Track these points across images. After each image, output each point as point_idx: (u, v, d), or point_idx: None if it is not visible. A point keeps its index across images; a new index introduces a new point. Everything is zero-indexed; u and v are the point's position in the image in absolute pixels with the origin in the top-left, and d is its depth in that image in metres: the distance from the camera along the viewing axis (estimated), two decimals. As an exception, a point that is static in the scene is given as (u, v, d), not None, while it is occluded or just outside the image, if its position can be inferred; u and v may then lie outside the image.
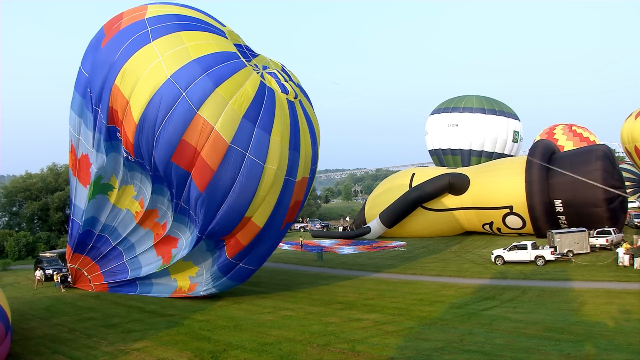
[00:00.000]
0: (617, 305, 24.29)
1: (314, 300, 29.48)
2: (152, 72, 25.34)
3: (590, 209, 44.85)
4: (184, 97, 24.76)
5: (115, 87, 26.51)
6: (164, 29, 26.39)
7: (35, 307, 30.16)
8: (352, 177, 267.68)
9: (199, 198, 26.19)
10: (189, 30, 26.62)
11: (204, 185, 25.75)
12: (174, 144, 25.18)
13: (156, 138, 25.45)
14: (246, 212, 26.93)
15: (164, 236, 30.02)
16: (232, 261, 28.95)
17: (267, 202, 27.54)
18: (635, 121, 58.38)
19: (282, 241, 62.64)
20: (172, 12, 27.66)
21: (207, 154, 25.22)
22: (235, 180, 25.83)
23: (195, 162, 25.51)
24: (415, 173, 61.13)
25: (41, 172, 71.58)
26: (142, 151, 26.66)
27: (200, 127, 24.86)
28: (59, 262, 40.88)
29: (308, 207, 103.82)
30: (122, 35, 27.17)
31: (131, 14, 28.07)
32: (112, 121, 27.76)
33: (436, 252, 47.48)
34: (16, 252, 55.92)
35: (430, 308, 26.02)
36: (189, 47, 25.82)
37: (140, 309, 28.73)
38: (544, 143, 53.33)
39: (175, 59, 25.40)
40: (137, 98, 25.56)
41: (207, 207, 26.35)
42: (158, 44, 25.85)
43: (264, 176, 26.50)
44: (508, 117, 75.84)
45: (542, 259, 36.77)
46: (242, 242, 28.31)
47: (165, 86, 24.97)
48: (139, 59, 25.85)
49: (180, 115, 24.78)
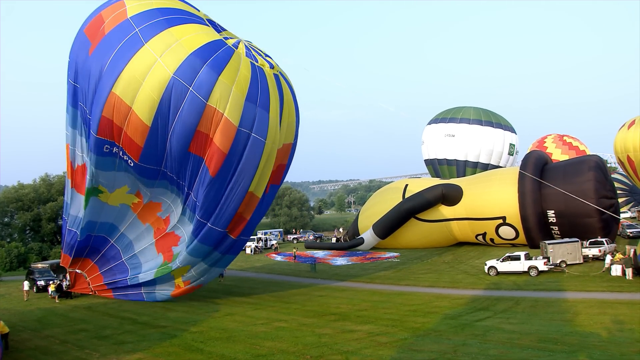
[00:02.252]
0: (611, 315, 24.33)
1: (307, 312, 29.37)
2: (154, 75, 25.98)
3: (583, 219, 45.09)
4: (192, 91, 26.06)
5: (112, 96, 26.40)
6: (153, 28, 26.71)
7: (27, 319, 29.91)
8: (346, 188, 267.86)
9: (210, 183, 27.70)
10: (177, 25, 27.27)
11: (216, 169, 27.42)
12: (190, 136, 26.84)
13: (170, 134, 26.71)
14: (249, 188, 28.86)
15: (166, 232, 30.38)
16: (237, 238, 30.66)
17: (264, 174, 29.67)
18: (628, 131, 58.92)
19: (275, 252, 62.95)
20: (153, 7, 27.76)
21: (219, 139, 26.91)
22: (241, 159, 27.76)
23: (207, 149, 27.28)
24: (409, 184, 61.17)
25: (34, 182, 71.17)
26: (154, 151, 27.50)
27: (211, 116, 26.56)
28: (51, 273, 40.61)
29: (301, 218, 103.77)
30: (109, 40, 27.05)
31: (111, 14, 27.78)
32: (103, 132, 27.45)
33: (429, 263, 47.47)
34: (7, 263, 55.51)
35: (424, 319, 25.97)
36: (182, 42, 26.60)
37: (132, 320, 28.54)
38: (536, 154, 53.57)
39: (174, 56, 26.24)
40: (144, 102, 26.10)
41: (217, 190, 27.97)
42: (152, 44, 26.30)
43: (264, 151, 28.50)
44: (505, 129, 76.22)
45: (535, 269, 36.82)
46: (246, 216, 30.16)
47: (171, 85, 25.98)
48: (137, 64, 26.14)
49: (191, 108, 26.21)
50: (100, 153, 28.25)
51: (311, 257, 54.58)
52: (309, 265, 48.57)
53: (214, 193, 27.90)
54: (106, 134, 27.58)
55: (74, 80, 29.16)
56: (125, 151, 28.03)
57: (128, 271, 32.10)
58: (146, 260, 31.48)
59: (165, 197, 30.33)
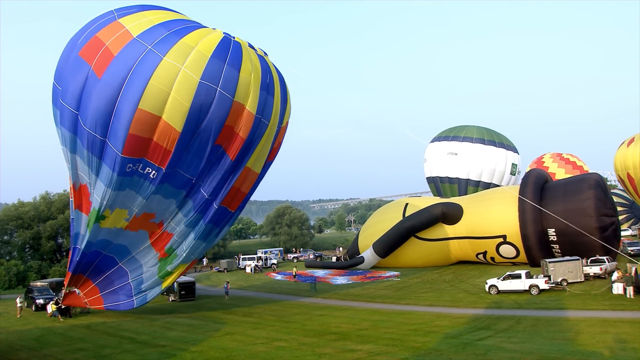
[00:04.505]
0: (613, 334, 24.17)
1: (307, 331, 29.19)
2: (181, 83, 27.65)
3: (583, 237, 44.96)
4: (220, 91, 28.47)
5: (140, 112, 27.28)
6: (166, 42, 28.01)
7: (25, 337, 29.70)
8: (346, 207, 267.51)
9: (230, 166, 30.85)
10: (186, 35, 28.80)
11: (235, 153, 30.52)
12: (218, 131, 29.15)
13: (200, 132, 28.62)
14: (247, 163, 31.89)
15: (160, 233, 32.26)
16: (234, 212, 33.76)
17: (263, 152, 32.82)
18: (628, 149, 58.99)
19: (275, 271, 62.81)
20: (154, 23, 28.88)
21: (242, 129, 29.97)
22: (253, 140, 30.84)
23: (232, 139, 30.06)
24: (409, 203, 61.19)
25: (34, 200, 71.06)
26: (185, 153, 29.08)
27: (237, 110, 29.34)
28: (50, 291, 40.42)
29: (301, 237, 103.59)
30: (123, 61, 27.60)
31: (111, 36, 28.25)
32: (130, 150, 28.13)
33: (430, 282, 47.29)
34: (6, 281, 55.26)
35: (425, 338, 25.79)
36: (198, 48, 28.47)
37: (131, 339, 28.35)
38: (536, 172, 53.64)
39: (196, 63, 28.06)
40: (175, 109, 27.72)
41: (234, 173, 31.33)
42: (171, 56, 27.73)
43: (266, 132, 31.65)
44: (507, 149, 76.42)
45: (536, 288, 36.68)
46: (244, 190, 33.53)
47: (201, 88, 27.98)
48: (161, 77, 27.43)
49: (220, 106, 28.62)
50: (123, 173, 28.88)
51: (311, 277, 54.42)
52: (309, 284, 48.39)
53: (228, 175, 31.10)
54: (133, 151, 28.21)
55: (75, 108, 28.70)
56: (151, 161, 28.96)
57: (128, 274, 33.13)
58: (146, 260, 33.07)
59: (165, 204, 31.40)
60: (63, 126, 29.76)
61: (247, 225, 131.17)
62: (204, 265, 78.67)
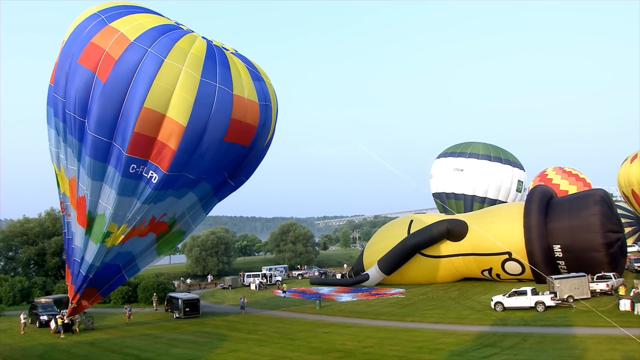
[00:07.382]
0: (621, 351, 23.94)
1: (312, 348, 29.03)
2: (184, 80, 29.01)
3: (589, 253, 44.71)
4: (219, 86, 30.06)
5: (145, 110, 28.24)
6: (163, 45, 29.31)
7: (29, 354, 29.64)
8: (350, 224, 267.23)
9: (243, 152, 33.33)
10: (180, 39, 30.18)
11: (249, 140, 32.60)
12: (226, 125, 30.51)
13: (206, 127, 29.67)
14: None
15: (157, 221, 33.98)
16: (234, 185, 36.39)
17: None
18: (631, 165, 58.78)
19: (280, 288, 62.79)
20: (147, 27, 29.84)
21: (248, 118, 31.71)
22: (259, 125, 32.88)
23: (241, 129, 31.44)
24: (414, 219, 60.98)
25: (39, 216, 71.30)
26: (191, 150, 29.93)
27: (239, 103, 30.91)
28: (54, 307, 40.37)
29: (306, 254, 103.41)
30: (124, 64, 28.40)
31: (108, 41, 28.86)
32: (134, 148, 29.01)
33: (435, 299, 47.04)
34: (11, 298, 55.09)
35: (430, 356, 25.62)
36: (192, 51, 29.95)
37: (136, 356, 28.27)
38: (541, 188, 53.45)
39: (194, 64, 29.58)
40: (180, 104, 28.87)
41: (247, 156, 34.30)
42: (171, 58, 29.06)
43: (272, 113, 34.28)
44: (513, 166, 76.35)
45: (542, 304, 36.43)
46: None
47: (202, 85, 29.42)
48: (165, 76, 28.65)
49: (222, 99, 30.01)
50: (127, 174, 29.63)
51: (316, 294, 54.22)
52: (314, 301, 48.19)
53: (249, 158, 34.57)
54: (136, 150, 29.03)
55: (82, 115, 29.32)
56: (154, 163, 29.65)
57: (121, 268, 34.29)
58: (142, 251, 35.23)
59: (164, 206, 32.99)
60: (72, 135, 30.41)
61: (252, 242, 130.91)
62: (208, 282, 78.70)
